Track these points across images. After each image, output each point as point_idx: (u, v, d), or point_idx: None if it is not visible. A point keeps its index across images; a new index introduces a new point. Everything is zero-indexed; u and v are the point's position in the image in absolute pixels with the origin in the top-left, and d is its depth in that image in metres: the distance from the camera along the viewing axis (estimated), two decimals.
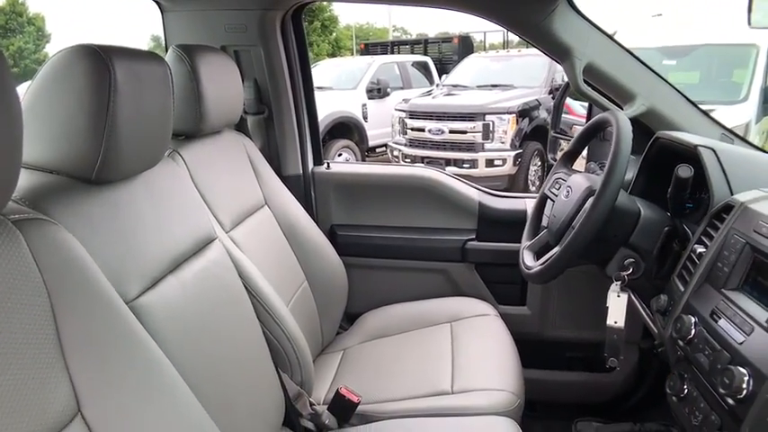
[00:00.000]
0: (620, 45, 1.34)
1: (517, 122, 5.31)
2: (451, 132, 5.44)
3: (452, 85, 6.48)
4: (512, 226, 1.60)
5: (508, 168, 5.26)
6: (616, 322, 1.11)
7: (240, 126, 1.64)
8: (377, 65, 7.48)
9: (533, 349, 1.59)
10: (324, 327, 1.56)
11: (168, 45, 1.55)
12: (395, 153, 5.98)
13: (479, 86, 6.19)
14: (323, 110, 5.89)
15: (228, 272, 1.12)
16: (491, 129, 5.28)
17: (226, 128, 1.43)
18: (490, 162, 5.26)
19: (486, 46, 12.67)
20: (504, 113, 5.29)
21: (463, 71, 6.78)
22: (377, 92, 7.08)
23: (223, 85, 1.31)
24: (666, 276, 1.09)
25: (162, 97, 0.92)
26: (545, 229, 1.27)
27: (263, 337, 1.17)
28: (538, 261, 1.19)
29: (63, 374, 0.62)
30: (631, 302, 1.14)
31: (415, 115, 5.74)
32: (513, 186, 5.31)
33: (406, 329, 1.56)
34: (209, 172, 1.25)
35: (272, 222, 1.49)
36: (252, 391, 1.08)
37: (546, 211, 1.36)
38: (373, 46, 12.62)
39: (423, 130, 5.63)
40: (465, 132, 5.37)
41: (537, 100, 5.60)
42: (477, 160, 5.30)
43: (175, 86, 1.03)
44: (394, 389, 1.29)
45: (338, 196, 1.78)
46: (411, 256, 1.73)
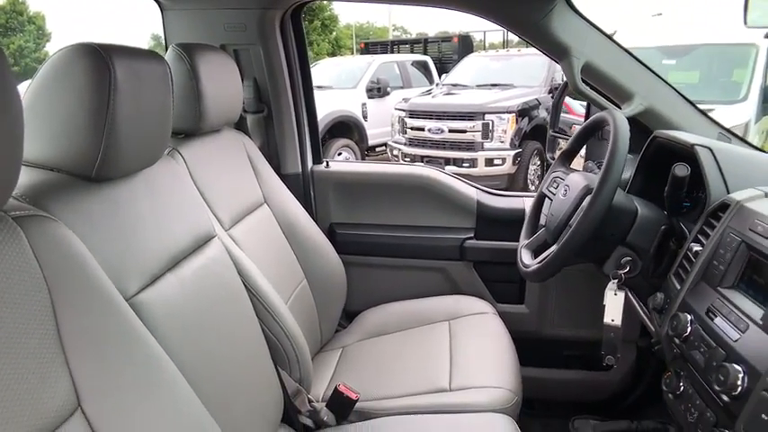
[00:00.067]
0: (618, 44, 1.34)
1: (517, 122, 5.31)
2: (451, 131, 5.44)
3: (452, 85, 6.48)
4: (510, 225, 1.60)
5: (507, 167, 5.26)
6: (613, 320, 1.11)
7: (240, 125, 1.64)
8: (377, 64, 7.48)
9: (531, 347, 1.59)
10: (323, 324, 1.57)
11: (168, 44, 1.55)
12: (394, 152, 5.98)
13: (479, 86, 6.19)
14: (323, 109, 5.89)
15: (227, 269, 1.12)
16: (490, 128, 5.28)
17: (225, 126, 1.44)
18: (490, 161, 5.27)
19: (486, 45, 12.67)
20: (504, 113, 5.29)
21: (463, 70, 6.78)
22: (377, 91, 7.08)
23: (222, 84, 1.31)
24: (663, 275, 1.09)
25: (161, 96, 0.93)
26: (543, 228, 1.28)
27: (261, 335, 1.17)
28: (535, 259, 1.20)
29: (63, 370, 0.63)
30: (628, 301, 1.14)
31: (414, 114, 5.74)
32: (512, 185, 5.31)
33: (404, 327, 1.57)
34: (208, 170, 1.26)
35: (272, 221, 1.49)
36: (251, 388, 1.08)
37: (544, 210, 1.36)
38: (373, 45, 12.61)
39: (422, 129, 5.63)
40: (464, 131, 5.38)
41: (536, 99, 5.60)
42: (476, 159, 5.30)
43: (175, 85, 1.03)
44: (392, 386, 1.30)
45: (337, 195, 1.78)
46: (410, 254, 1.73)
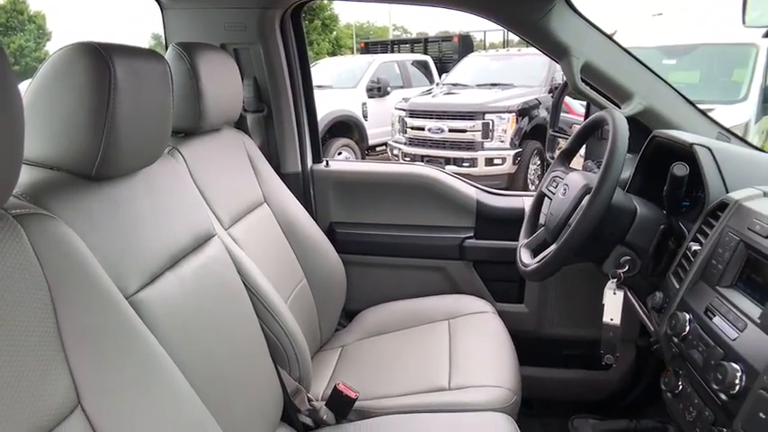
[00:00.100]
0: (617, 44, 1.35)
1: (517, 121, 5.31)
2: (451, 131, 5.44)
3: (452, 84, 6.48)
4: (509, 224, 1.60)
5: (508, 167, 5.26)
6: (612, 319, 1.11)
7: (239, 124, 1.64)
8: (377, 64, 7.48)
9: (531, 347, 1.59)
10: (322, 324, 1.57)
11: (168, 43, 1.56)
12: (395, 152, 5.98)
13: (479, 85, 6.19)
14: (323, 108, 5.90)
15: (227, 268, 1.12)
16: (491, 128, 5.28)
17: (225, 125, 1.44)
18: (490, 161, 5.27)
19: (487, 45, 12.68)
20: (504, 112, 5.29)
21: (463, 70, 6.78)
22: (377, 91, 7.08)
23: (222, 83, 1.31)
24: (662, 274, 1.09)
25: (161, 95, 0.93)
26: (542, 227, 1.28)
27: (261, 334, 1.17)
28: (535, 258, 1.20)
29: (63, 367, 0.63)
30: (628, 300, 1.15)
31: (414, 114, 5.74)
32: (512, 185, 5.31)
33: (404, 327, 1.57)
34: (208, 169, 1.26)
35: (271, 220, 1.49)
36: (250, 387, 1.08)
37: (543, 209, 1.37)
38: (373, 45, 12.61)
39: (422, 128, 5.63)
40: (465, 131, 5.38)
41: (537, 99, 5.60)
42: (476, 159, 5.30)
43: (175, 84, 1.03)
44: (392, 385, 1.30)
45: (337, 194, 1.78)
46: (409, 253, 1.73)
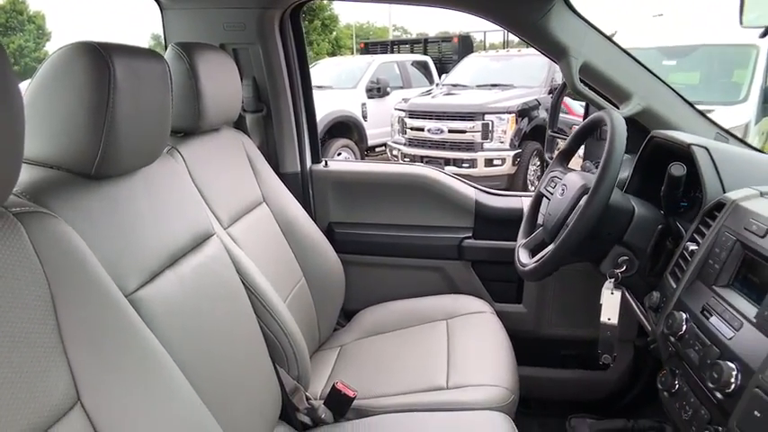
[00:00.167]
0: (616, 44, 1.35)
1: (516, 122, 5.31)
2: (451, 132, 5.44)
3: (452, 85, 6.49)
4: (508, 224, 1.61)
5: (507, 168, 5.27)
6: (609, 319, 1.11)
7: (239, 124, 1.64)
8: (377, 64, 7.49)
9: (529, 346, 1.60)
10: (321, 323, 1.57)
11: (168, 43, 1.56)
12: (394, 152, 5.98)
13: (479, 86, 6.19)
14: (322, 109, 5.90)
15: (226, 268, 1.13)
16: (490, 128, 5.29)
17: (224, 125, 1.44)
18: (489, 162, 5.27)
19: (486, 45, 12.69)
20: (504, 113, 5.29)
21: (463, 71, 6.78)
22: (376, 91, 7.08)
23: (222, 83, 1.32)
24: (660, 274, 1.10)
25: (161, 94, 0.93)
26: (540, 227, 1.28)
27: (260, 333, 1.18)
28: (533, 258, 1.20)
29: (63, 364, 0.63)
30: (626, 300, 1.15)
31: (414, 115, 5.74)
32: (512, 186, 5.31)
33: (402, 326, 1.57)
34: (207, 169, 1.26)
35: (270, 219, 1.49)
36: (249, 386, 1.09)
37: (542, 210, 1.37)
38: (373, 45, 12.62)
39: (422, 129, 5.63)
40: (464, 132, 5.38)
41: (536, 100, 5.60)
42: (476, 160, 5.30)
43: (174, 84, 1.04)
44: (390, 384, 1.30)
45: (336, 194, 1.78)
46: (408, 253, 1.74)
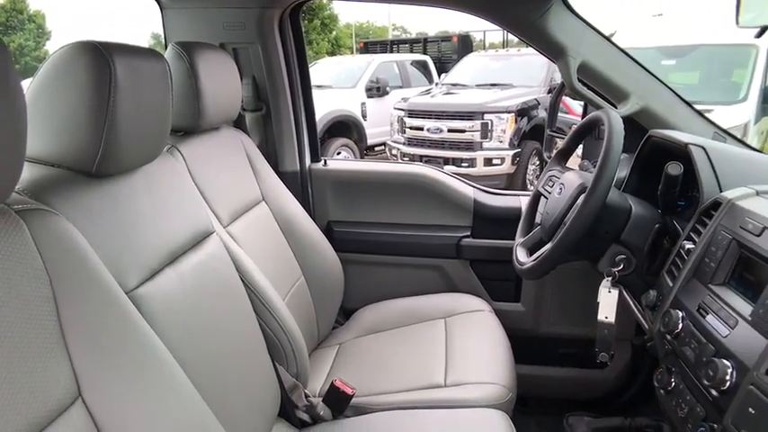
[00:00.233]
0: (614, 44, 1.36)
1: (516, 121, 5.31)
2: (450, 131, 5.44)
3: (451, 84, 6.49)
4: (506, 223, 1.61)
5: (506, 167, 5.27)
6: (607, 317, 1.12)
7: (238, 123, 1.65)
8: (376, 63, 7.49)
9: (527, 345, 1.60)
10: (320, 321, 1.58)
11: (168, 42, 1.56)
12: (393, 152, 5.99)
13: (478, 85, 6.19)
14: (322, 108, 5.90)
15: (226, 265, 1.13)
16: (489, 128, 5.29)
17: (224, 124, 1.45)
18: (488, 161, 5.27)
19: (486, 45, 12.69)
20: (503, 112, 5.29)
21: (462, 70, 6.79)
22: (376, 90, 7.09)
23: (221, 82, 1.32)
24: (657, 272, 1.10)
25: (161, 93, 0.94)
26: (538, 226, 1.29)
27: (259, 330, 1.19)
28: (531, 257, 1.21)
29: (64, 360, 0.64)
30: (623, 298, 1.16)
31: (413, 114, 5.75)
32: (511, 185, 5.31)
33: (401, 324, 1.58)
34: (207, 167, 1.27)
35: (270, 218, 1.50)
36: (248, 383, 1.09)
37: (540, 209, 1.37)
38: (373, 44, 12.61)
39: (421, 128, 5.63)
40: (463, 131, 5.38)
41: (536, 99, 5.60)
42: (475, 159, 5.31)
43: (174, 83, 1.04)
44: (388, 382, 1.31)
45: (335, 193, 1.79)
46: (406, 252, 1.74)
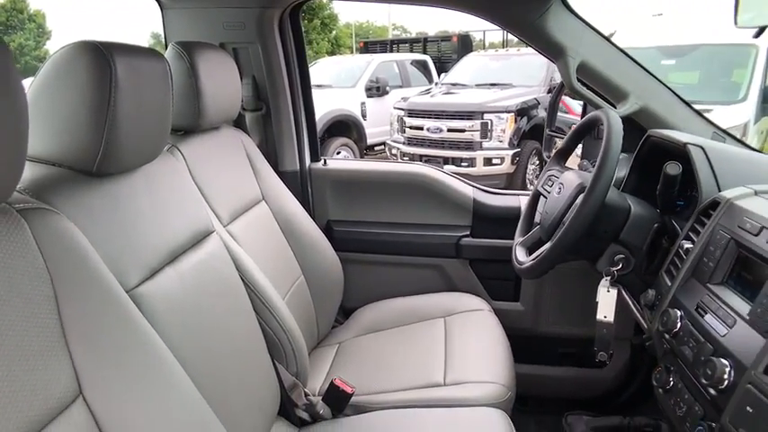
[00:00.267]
0: (613, 44, 1.36)
1: (515, 121, 5.31)
2: (450, 131, 5.44)
3: (451, 84, 6.49)
4: (506, 223, 1.62)
5: (506, 167, 5.27)
6: (606, 317, 1.12)
7: (238, 122, 1.65)
8: (376, 63, 7.49)
9: (526, 344, 1.61)
10: (319, 320, 1.58)
11: (168, 42, 1.57)
12: (393, 151, 5.99)
13: (478, 85, 6.19)
14: (322, 108, 5.90)
15: (226, 265, 1.14)
16: (489, 127, 5.29)
17: (224, 124, 1.45)
18: (488, 161, 5.27)
19: (486, 45, 12.70)
20: (503, 112, 5.30)
21: (462, 70, 6.79)
22: (376, 90, 7.09)
23: (221, 82, 1.32)
24: (655, 272, 1.11)
25: (161, 93, 0.94)
26: (538, 226, 1.29)
27: (259, 329, 1.19)
28: (530, 257, 1.21)
29: (65, 358, 0.64)
30: (622, 298, 1.16)
31: (413, 114, 5.75)
32: (511, 185, 5.31)
33: (400, 324, 1.58)
34: (207, 167, 1.27)
35: (270, 217, 1.50)
36: (248, 382, 1.10)
37: (539, 208, 1.38)
38: (373, 44, 12.61)
39: (421, 128, 5.64)
40: (463, 131, 5.38)
41: (535, 99, 5.60)
42: (475, 159, 5.31)
43: (174, 83, 1.05)
44: (388, 380, 1.31)
45: (334, 192, 1.79)
46: (406, 251, 1.75)
